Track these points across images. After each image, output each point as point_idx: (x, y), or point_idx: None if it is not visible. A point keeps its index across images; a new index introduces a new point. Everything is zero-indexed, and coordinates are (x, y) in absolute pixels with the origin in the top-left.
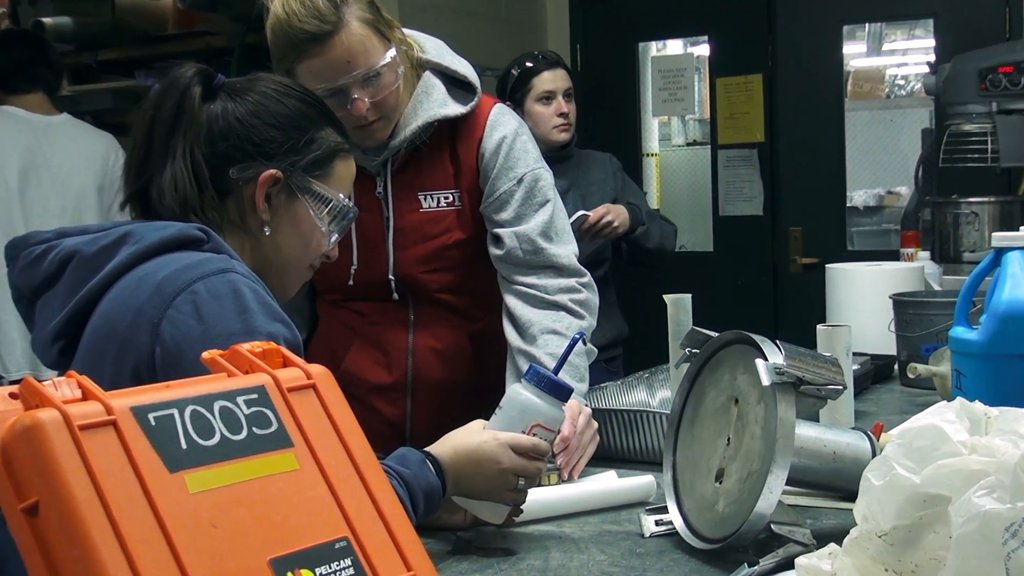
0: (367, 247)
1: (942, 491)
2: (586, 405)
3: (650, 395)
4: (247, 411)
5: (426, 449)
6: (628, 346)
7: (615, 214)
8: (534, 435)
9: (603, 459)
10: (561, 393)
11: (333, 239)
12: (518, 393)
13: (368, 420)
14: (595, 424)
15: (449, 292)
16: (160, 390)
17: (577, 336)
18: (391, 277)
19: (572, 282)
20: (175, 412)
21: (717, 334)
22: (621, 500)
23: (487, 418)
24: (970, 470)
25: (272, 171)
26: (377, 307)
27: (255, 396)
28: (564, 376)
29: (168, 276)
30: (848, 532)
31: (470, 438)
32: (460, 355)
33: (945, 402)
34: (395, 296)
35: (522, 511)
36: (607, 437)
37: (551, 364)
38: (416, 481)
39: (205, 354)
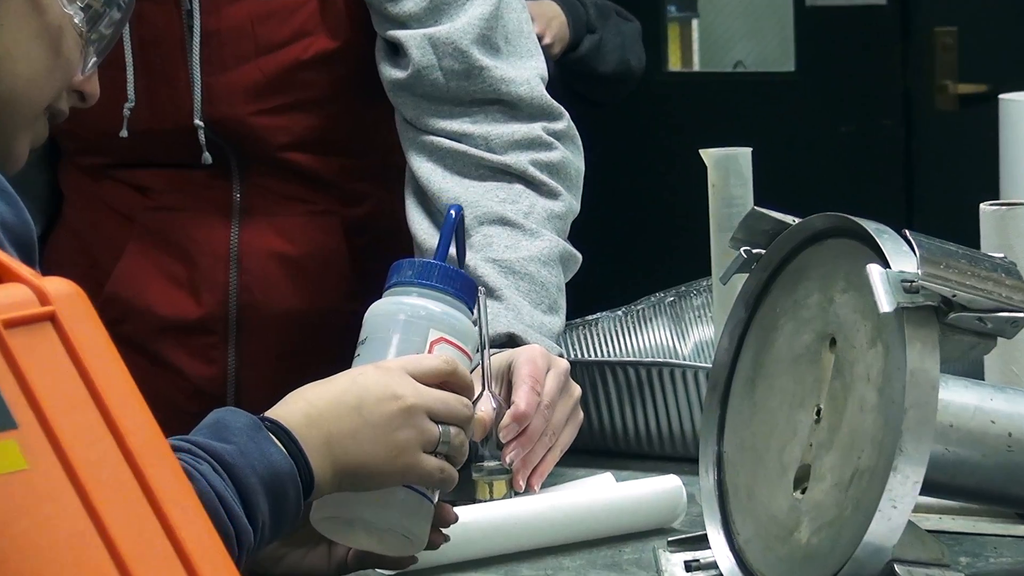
0: (152, 68)
1: None
2: (559, 355)
3: (677, 335)
4: None
5: (265, 414)
6: (636, 251)
7: (542, 24)
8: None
9: (591, 452)
10: (461, 288)
11: (90, 62)
12: (387, 304)
13: (158, 385)
14: (576, 390)
15: (306, 151)
16: None
17: (456, 208)
18: (198, 123)
19: (536, 130)
20: None
21: (797, 220)
22: (625, 525)
23: None
24: None
25: None
26: (173, 179)
27: None
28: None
29: None
30: None
31: (335, 379)
32: (327, 267)
33: None
34: (206, 158)
35: (447, 536)
36: (598, 412)
37: (497, 280)
38: (245, 462)
39: None
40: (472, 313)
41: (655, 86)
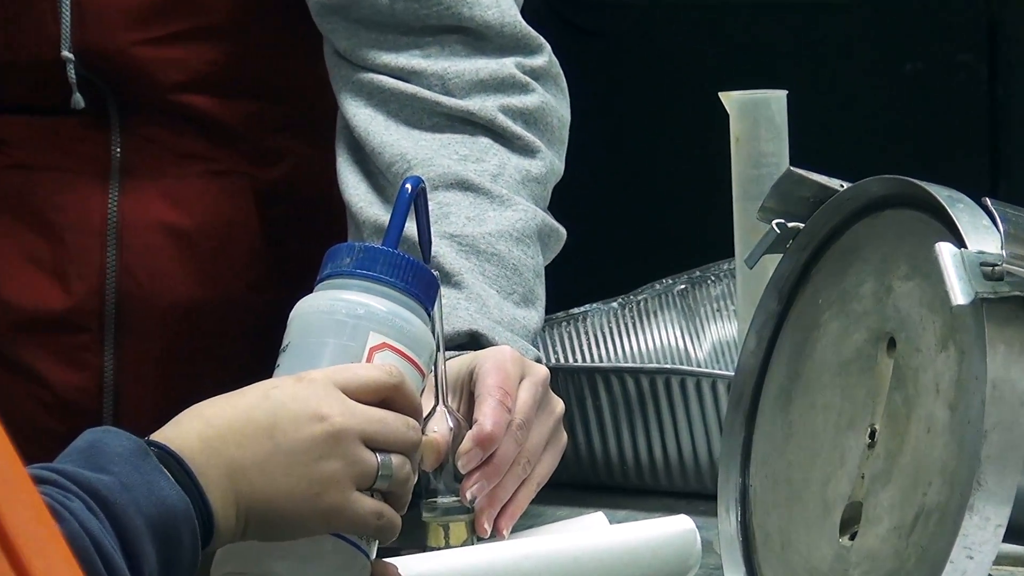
0: None
1: None
2: (536, 360)
3: (690, 334)
4: None
5: (152, 436)
6: (636, 225)
7: None
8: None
9: (577, 486)
10: (415, 282)
11: None
12: (318, 300)
13: (14, 398)
14: (558, 405)
15: (205, 92)
16: None
17: (413, 182)
18: (67, 55)
19: (508, 66)
20: None
21: (846, 185)
22: None
23: None
24: None
25: None
26: (34, 129)
27: None
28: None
29: None
30: None
31: (243, 393)
32: (232, 246)
33: None
34: (77, 102)
35: None
36: (587, 433)
37: (455, 262)
38: (128, 498)
39: None
40: (430, 318)
41: (664, 9)
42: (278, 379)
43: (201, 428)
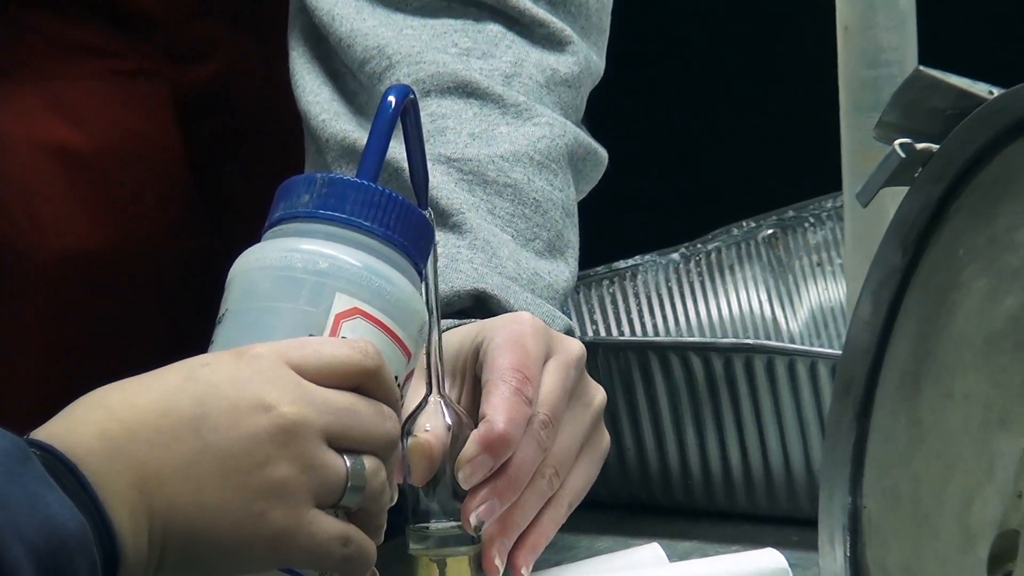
0: None
1: None
2: (567, 331)
3: (779, 297)
4: None
5: (34, 434)
6: (704, 147)
7: None
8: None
9: (624, 507)
10: (400, 227)
11: None
12: (266, 252)
13: None
14: (596, 396)
15: None
16: None
17: (398, 93)
18: None
19: None
20: None
21: (998, 91)
22: None
23: None
24: None
25: None
26: None
27: None
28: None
29: None
30: None
31: (160, 373)
32: (144, 173)
33: None
34: None
35: None
36: (637, 434)
37: (455, 195)
38: (5, 518)
39: None
40: (421, 276)
41: None
42: (210, 355)
43: (102, 422)
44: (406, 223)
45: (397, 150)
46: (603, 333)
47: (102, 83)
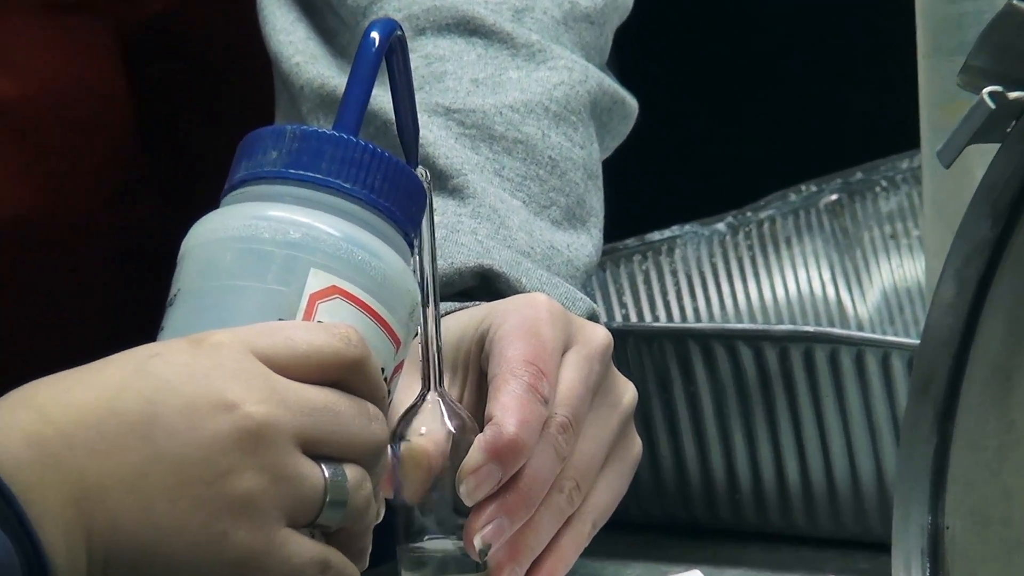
0: None
1: None
2: (590, 316)
3: (845, 276)
4: None
5: None
6: (753, 99)
7: None
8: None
9: (659, 527)
10: (387, 189)
11: None
12: (227, 221)
13: None
14: (626, 394)
15: None
16: None
17: (382, 29)
18: None
19: None
20: None
21: None
22: None
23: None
24: None
25: None
26: None
27: None
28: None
29: None
30: None
31: (101, 366)
32: (87, 127)
33: None
34: None
35: None
36: (675, 439)
37: (455, 152)
38: None
39: None
40: (413, 250)
41: None
42: (161, 344)
43: (32, 425)
44: (395, 185)
45: (387, 99)
46: (634, 318)
47: (33, 18)
